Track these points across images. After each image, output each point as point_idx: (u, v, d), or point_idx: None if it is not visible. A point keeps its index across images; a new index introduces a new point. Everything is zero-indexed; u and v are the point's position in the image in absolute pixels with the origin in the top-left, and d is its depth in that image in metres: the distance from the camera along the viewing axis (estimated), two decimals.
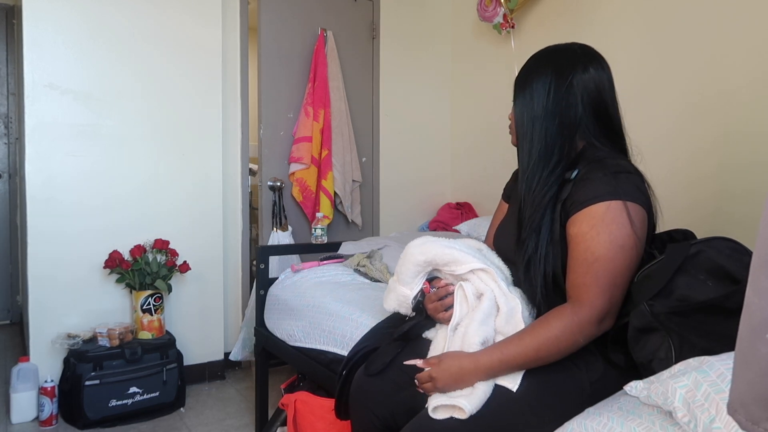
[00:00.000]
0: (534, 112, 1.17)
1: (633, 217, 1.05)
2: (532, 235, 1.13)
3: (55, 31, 2.41)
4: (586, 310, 1.02)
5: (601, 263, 1.03)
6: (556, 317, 1.04)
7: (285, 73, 3.03)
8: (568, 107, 1.15)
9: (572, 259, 1.07)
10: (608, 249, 1.03)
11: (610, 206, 1.04)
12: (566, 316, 1.03)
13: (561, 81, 1.15)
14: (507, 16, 2.94)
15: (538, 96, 1.17)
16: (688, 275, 1.01)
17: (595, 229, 1.04)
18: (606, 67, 1.19)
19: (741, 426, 0.44)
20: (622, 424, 0.87)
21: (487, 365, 1.04)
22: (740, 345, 0.44)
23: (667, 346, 0.98)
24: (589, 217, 1.05)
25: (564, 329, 1.02)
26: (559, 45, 1.24)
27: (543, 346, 1.02)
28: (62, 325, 2.43)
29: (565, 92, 1.15)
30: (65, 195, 2.45)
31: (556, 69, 1.17)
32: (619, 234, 1.03)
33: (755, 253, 0.43)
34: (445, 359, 1.08)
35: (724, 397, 0.75)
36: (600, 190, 1.06)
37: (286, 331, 2.00)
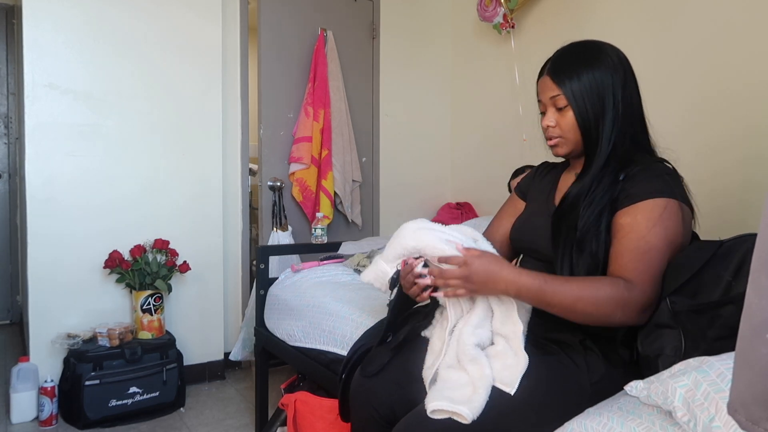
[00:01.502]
0: (605, 110, 1.15)
1: (686, 218, 1.09)
2: (590, 231, 1.12)
3: (55, 31, 2.41)
4: (638, 291, 1.03)
5: (654, 253, 1.04)
6: (610, 283, 1.03)
7: (285, 73, 3.03)
8: (630, 109, 1.16)
9: (622, 246, 1.07)
10: (662, 241, 1.05)
11: (669, 203, 1.07)
12: (620, 287, 1.02)
13: (623, 77, 1.16)
14: (507, 16, 2.94)
15: (605, 93, 1.15)
16: (716, 276, 1.01)
17: (651, 221, 1.06)
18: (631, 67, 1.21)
19: (741, 426, 0.44)
20: (622, 424, 0.87)
21: (525, 285, 1.03)
22: (740, 345, 0.44)
23: (677, 345, 0.99)
24: (646, 210, 1.07)
25: (611, 297, 1.01)
26: (600, 42, 1.21)
27: (584, 300, 1.01)
28: (62, 325, 2.43)
29: (629, 93, 1.16)
30: (65, 195, 2.45)
31: (618, 68, 1.17)
32: (673, 230, 1.06)
33: (755, 254, 0.44)
34: (487, 256, 1.07)
35: (724, 396, 0.75)
36: (658, 187, 1.08)
37: (286, 331, 2.00)
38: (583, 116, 1.16)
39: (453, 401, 1.01)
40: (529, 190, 1.42)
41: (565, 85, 1.16)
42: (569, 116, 1.17)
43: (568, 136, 1.19)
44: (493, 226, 1.44)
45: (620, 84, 1.15)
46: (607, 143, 1.15)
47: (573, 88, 1.15)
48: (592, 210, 1.13)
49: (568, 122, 1.18)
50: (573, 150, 1.21)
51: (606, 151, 1.15)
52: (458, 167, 3.63)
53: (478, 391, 1.02)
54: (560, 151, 1.23)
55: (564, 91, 1.16)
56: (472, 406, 0.99)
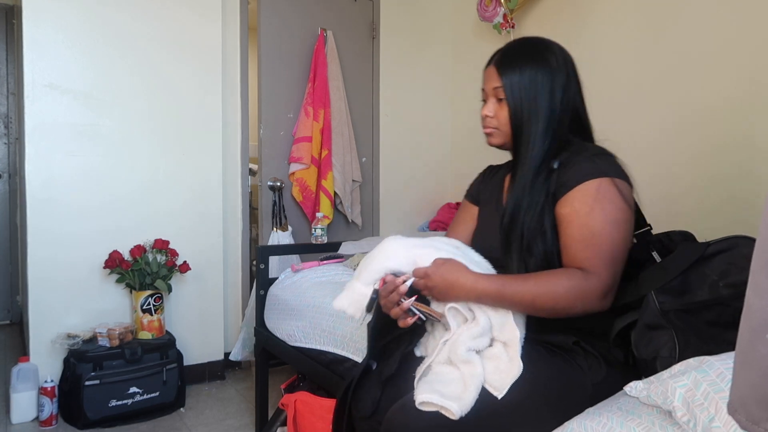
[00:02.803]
0: (539, 110, 1.15)
1: (623, 192, 1.07)
2: (536, 234, 1.11)
3: (55, 31, 2.41)
4: (594, 279, 1.02)
5: (599, 238, 1.04)
6: (566, 275, 1.03)
7: (285, 73, 3.03)
8: (569, 111, 1.17)
9: (568, 237, 1.08)
10: (603, 224, 1.05)
11: (601, 183, 1.07)
12: (576, 278, 1.03)
13: (564, 80, 1.17)
14: (507, 16, 2.94)
15: (542, 94, 1.15)
16: (702, 275, 1.01)
17: (588, 206, 1.06)
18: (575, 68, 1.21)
19: (741, 426, 0.44)
20: (622, 424, 0.87)
21: (484, 289, 1.04)
22: (740, 345, 0.44)
23: (672, 345, 0.99)
24: (580, 196, 1.07)
25: (569, 290, 1.02)
26: (549, 41, 1.22)
27: (543, 296, 1.02)
28: (62, 325, 2.43)
29: (571, 95, 1.17)
30: (65, 195, 2.45)
31: (562, 69, 1.17)
32: (611, 209, 1.06)
33: (755, 254, 0.44)
34: (447, 264, 1.07)
35: (724, 396, 0.75)
36: (587, 170, 1.08)
37: (286, 331, 2.00)
38: (516, 112, 1.18)
39: (443, 395, 0.99)
40: (479, 194, 1.42)
41: (507, 78, 1.18)
42: (506, 109, 1.20)
43: (503, 128, 1.23)
44: (450, 235, 1.39)
45: (561, 85, 1.16)
46: (541, 143, 1.15)
47: (513, 83, 1.17)
48: (531, 214, 1.12)
49: (504, 115, 1.20)
50: (506, 142, 1.25)
51: (539, 154, 1.15)
52: (458, 167, 3.62)
53: (469, 388, 1.00)
54: (494, 141, 1.27)
55: (504, 83, 1.18)
56: (461, 403, 0.98)
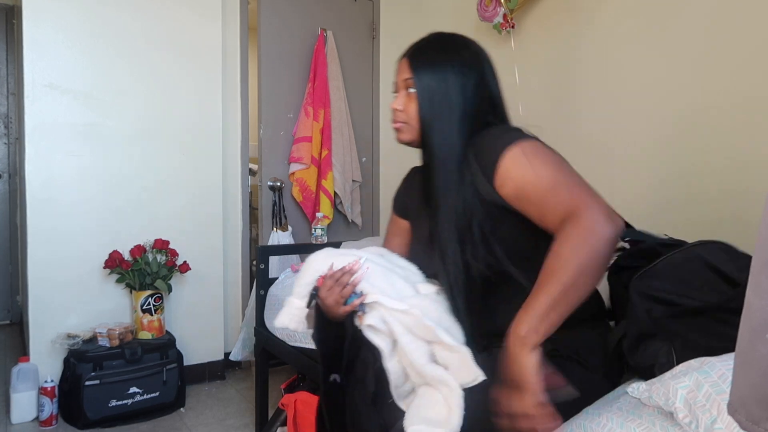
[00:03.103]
0: (451, 106, 1.08)
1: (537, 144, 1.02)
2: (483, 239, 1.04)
3: (55, 31, 2.41)
4: (584, 213, 0.90)
5: (559, 182, 0.95)
6: (563, 235, 0.90)
7: (285, 73, 3.03)
8: (481, 104, 1.11)
9: (534, 206, 0.98)
10: (552, 169, 0.97)
11: (513, 150, 1.00)
12: (572, 226, 0.90)
13: (477, 78, 1.11)
14: (507, 16, 2.94)
15: (455, 90, 1.09)
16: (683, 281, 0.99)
17: (523, 168, 0.98)
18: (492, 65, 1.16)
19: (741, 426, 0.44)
20: (622, 425, 0.87)
21: (534, 341, 0.87)
22: (740, 345, 0.44)
23: (668, 350, 0.96)
24: (511, 165, 0.99)
25: (578, 246, 0.88)
26: (465, 38, 1.17)
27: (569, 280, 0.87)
28: (62, 325, 2.43)
29: (480, 89, 1.11)
30: (65, 195, 2.45)
31: (477, 67, 1.13)
32: (543, 158, 0.98)
33: (755, 254, 0.44)
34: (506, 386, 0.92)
35: (726, 397, 0.75)
36: (500, 143, 1.02)
37: (286, 331, 2.00)
38: (425, 106, 1.11)
39: (430, 422, 0.97)
40: (405, 206, 1.35)
41: (419, 71, 1.11)
42: (416, 103, 1.12)
43: (412, 123, 1.14)
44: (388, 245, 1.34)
45: (474, 83, 1.10)
46: (458, 140, 1.08)
47: (424, 77, 1.10)
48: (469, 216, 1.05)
49: (414, 108, 1.13)
50: (415, 139, 1.17)
51: (457, 152, 1.08)
52: None
53: (453, 409, 0.97)
54: (403, 137, 1.18)
55: (415, 76, 1.11)
56: (450, 428, 0.95)
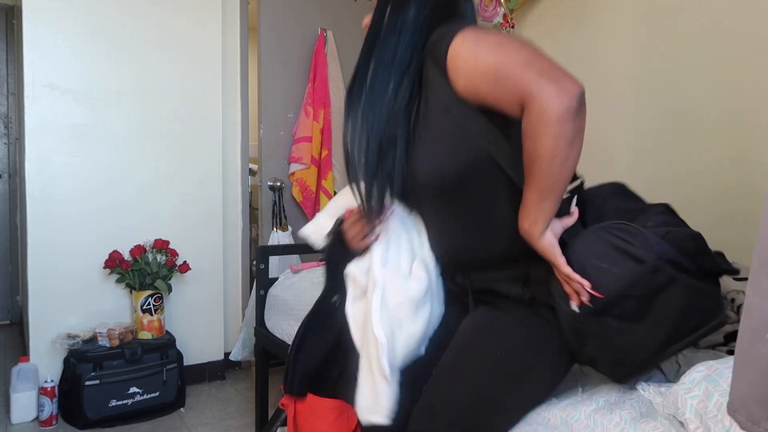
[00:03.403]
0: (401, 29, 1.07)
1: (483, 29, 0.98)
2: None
3: (55, 31, 2.41)
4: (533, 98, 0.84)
5: (502, 63, 0.89)
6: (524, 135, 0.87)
7: (285, 73, 3.03)
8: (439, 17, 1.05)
9: (492, 97, 0.92)
10: (494, 54, 0.90)
11: (465, 31, 0.95)
12: (526, 123, 0.86)
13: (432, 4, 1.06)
14: (507, 16, 2.94)
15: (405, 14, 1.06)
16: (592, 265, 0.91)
17: (468, 57, 0.93)
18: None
19: (741, 426, 0.44)
20: (635, 426, 0.85)
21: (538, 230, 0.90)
22: (740, 345, 0.44)
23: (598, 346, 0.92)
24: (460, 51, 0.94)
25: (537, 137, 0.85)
26: None
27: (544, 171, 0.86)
28: (62, 325, 2.43)
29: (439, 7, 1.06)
30: (65, 195, 2.45)
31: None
32: (486, 41, 0.93)
33: (755, 254, 0.44)
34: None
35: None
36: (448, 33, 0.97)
37: (286, 331, 2.00)
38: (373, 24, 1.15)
39: (364, 411, 1.01)
40: None
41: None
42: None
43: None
44: None
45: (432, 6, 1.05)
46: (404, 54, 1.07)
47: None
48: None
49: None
50: None
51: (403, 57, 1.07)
52: None
53: (379, 391, 0.99)
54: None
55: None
56: (382, 412, 0.98)
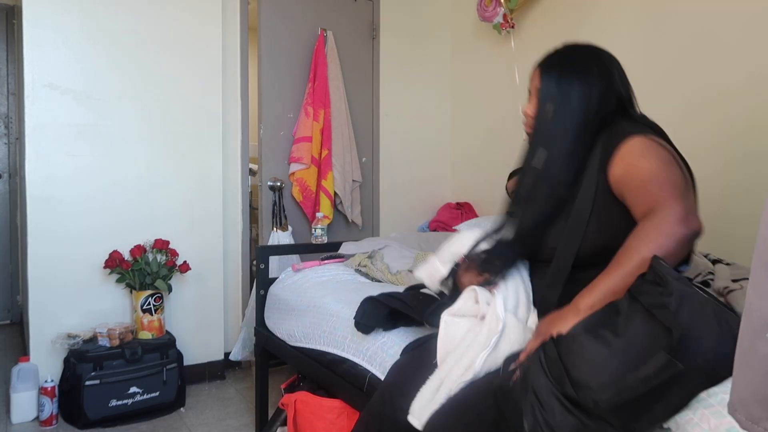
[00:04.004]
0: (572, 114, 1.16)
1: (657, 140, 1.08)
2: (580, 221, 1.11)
3: (55, 31, 2.41)
4: (660, 211, 0.97)
5: (657, 176, 1.02)
6: (634, 233, 0.99)
7: (285, 73, 3.03)
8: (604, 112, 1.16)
9: (632, 194, 1.05)
10: (655, 166, 1.03)
11: (634, 139, 1.07)
12: (642, 225, 0.98)
13: (604, 85, 1.17)
14: (507, 16, 2.94)
15: (577, 99, 1.16)
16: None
17: (634, 156, 1.05)
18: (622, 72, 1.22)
19: (741, 425, 0.44)
20: None
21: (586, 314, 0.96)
22: (741, 345, 0.44)
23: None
24: (626, 152, 1.07)
25: (644, 240, 0.96)
26: (589, 45, 1.24)
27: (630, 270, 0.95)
28: (62, 325, 2.43)
29: (605, 98, 1.17)
30: (65, 195, 2.45)
31: (601, 72, 1.18)
32: (655, 153, 1.05)
33: (756, 254, 0.44)
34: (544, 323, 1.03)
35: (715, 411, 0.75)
36: (625, 131, 1.09)
37: (286, 331, 2.00)
38: (540, 117, 1.20)
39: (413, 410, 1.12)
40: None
41: (546, 81, 1.20)
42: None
43: None
44: None
45: (598, 96, 1.16)
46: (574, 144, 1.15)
47: (550, 87, 1.18)
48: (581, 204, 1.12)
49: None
50: None
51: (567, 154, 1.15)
52: (458, 167, 3.63)
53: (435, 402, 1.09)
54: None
55: (542, 85, 1.20)
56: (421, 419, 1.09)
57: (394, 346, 1.50)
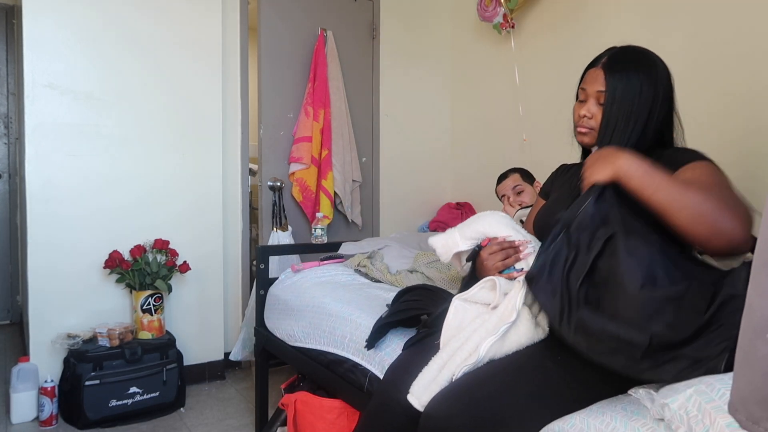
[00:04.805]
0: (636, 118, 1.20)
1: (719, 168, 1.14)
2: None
3: (55, 31, 2.41)
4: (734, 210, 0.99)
5: (720, 187, 1.05)
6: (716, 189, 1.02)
7: (285, 73, 3.03)
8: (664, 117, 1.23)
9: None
10: (720, 182, 1.08)
11: (702, 162, 1.14)
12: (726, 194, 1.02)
13: (666, 91, 1.23)
14: (507, 16, 2.94)
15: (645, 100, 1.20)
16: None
17: (699, 173, 1.10)
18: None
19: (742, 425, 0.44)
20: (626, 424, 0.87)
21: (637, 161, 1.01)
22: (741, 345, 0.44)
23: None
24: (692, 168, 1.12)
25: (719, 198, 0.98)
26: (653, 54, 1.28)
27: (690, 191, 0.97)
28: (62, 325, 2.43)
29: (666, 103, 1.23)
30: (65, 195, 2.45)
31: (665, 82, 1.23)
32: (718, 177, 1.10)
33: (756, 254, 0.44)
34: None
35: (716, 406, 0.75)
36: (695, 155, 1.16)
37: (286, 332, 2.00)
38: (611, 117, 1.22)
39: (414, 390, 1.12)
40: (551, 188, 1.49)
41: (612, 83, 1.21)
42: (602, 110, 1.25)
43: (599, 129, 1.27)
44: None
45: (664, 96, 1.21)
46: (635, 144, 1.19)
47: (617, 88, 1.21)
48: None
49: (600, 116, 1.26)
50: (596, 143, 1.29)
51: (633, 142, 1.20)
52: (458, 167, 3.63)
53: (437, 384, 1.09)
54: (587, 140, 1.30)
55: (608, 88, 1.22)
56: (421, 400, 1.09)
57: (393, 345, 1.50)
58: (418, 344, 1.33)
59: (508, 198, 2.40)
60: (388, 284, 2.04)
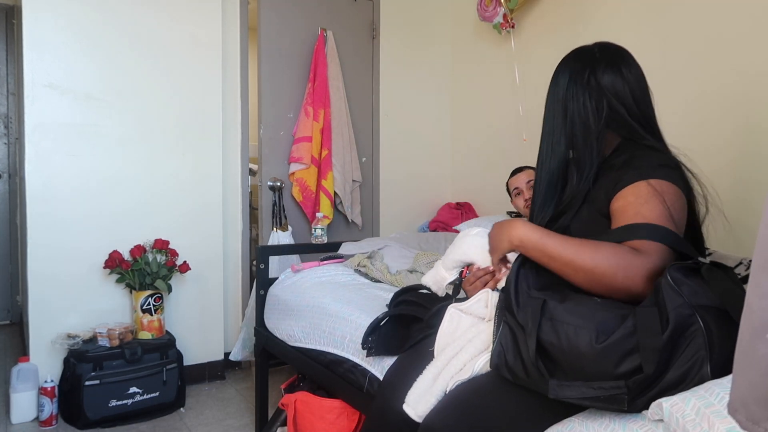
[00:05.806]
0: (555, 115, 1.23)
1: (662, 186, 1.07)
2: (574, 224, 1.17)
3: (55, 31, 2.41)
4: (644, 257, 0.97)
5: (641, 218, 1.03)
6: (613, 246, 1.00)
7: (285, 73, 3.03)
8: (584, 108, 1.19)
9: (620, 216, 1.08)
10: (650, 212, 1.03)
11: (641, 184, 1.07)
12: (623, 250, 0.98)
13: (579, 82, 1.21)
14: (507, 16, 2.94)
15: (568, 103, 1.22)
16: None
17: (635, 199, 1.06)
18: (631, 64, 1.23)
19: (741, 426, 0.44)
20: (624, 426, 0.87)
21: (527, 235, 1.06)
22: (741, 345, 0.44)
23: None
24: (630, 192, 1.08)
25: (613, 257, 0.97)
26: (582, 47, 1.29)
27: (583, 255, 0.98)
28: (62, 325, 2.43)
29: (581, 94, 1.20)
30: (65, 195, 2.45)
31: (573, 72, 1.23)
32: (656, 201, 1.04)
33: (755, 255, 0.44)
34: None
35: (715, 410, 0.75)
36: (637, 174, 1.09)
37: (286, 332, 2.00)
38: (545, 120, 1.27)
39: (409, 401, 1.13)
40: None
41: (549, 89, 1.27)
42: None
43: None
44: None
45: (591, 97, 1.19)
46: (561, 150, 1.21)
47: (550, 94, 1.26)
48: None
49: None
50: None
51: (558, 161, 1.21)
52: (458, 167, 3.63)
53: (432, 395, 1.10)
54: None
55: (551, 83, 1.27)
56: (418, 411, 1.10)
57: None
58: (414, 349, 1.35)
59: (522, 192, 2.37)
60: (388, 284, 2.04)
